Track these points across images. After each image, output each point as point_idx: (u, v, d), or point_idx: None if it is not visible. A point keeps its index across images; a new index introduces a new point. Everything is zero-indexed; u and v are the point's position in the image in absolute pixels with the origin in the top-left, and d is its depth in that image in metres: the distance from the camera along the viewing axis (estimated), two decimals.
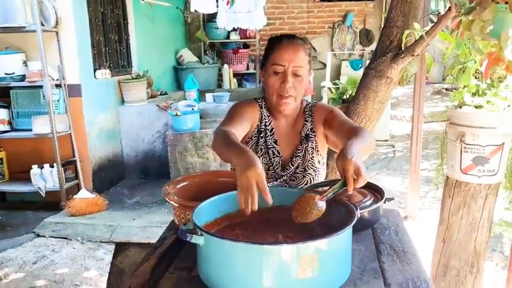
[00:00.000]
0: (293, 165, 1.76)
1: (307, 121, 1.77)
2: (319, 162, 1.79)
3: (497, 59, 2.68)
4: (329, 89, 2.98)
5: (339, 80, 4.96)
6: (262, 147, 1.75)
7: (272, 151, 1.75)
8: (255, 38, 7.24)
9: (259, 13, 4.29)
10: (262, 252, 1.02)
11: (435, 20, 2.50)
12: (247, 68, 7.45)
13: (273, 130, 1.77)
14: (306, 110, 1.79)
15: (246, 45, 7.44)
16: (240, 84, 7.37)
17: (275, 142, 1.76)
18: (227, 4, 4.18)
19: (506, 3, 2.31)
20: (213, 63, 7.19)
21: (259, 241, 1.15)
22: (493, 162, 2.37)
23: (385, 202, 1.49)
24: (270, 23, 7.14)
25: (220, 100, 5.16)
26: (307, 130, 1.77)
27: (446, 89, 9.86)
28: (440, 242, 2.57)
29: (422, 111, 3.82)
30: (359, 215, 1.16)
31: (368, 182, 1.61)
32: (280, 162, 1.75)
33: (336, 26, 7.30)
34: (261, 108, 1.78)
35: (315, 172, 1.77)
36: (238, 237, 1.22)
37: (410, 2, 2.38)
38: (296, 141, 1.78)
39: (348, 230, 1.09)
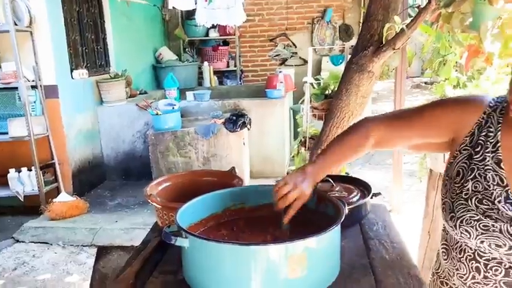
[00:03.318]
0: None
1: None
2: None
3: (477, 51, 2.70)
4: (311, 84, 2.96)
5: (320, 75, 4.96)
6: (476, 167, 1.11)
7: (492, 176, 1.08)
8: (234, 35, 7.19)
9: (239, 9, 4.26)
10: (250, 253, 0.99)
11: (414, 13, 2.50)
12: (228, 66, 7.40)
13: (498, 145, 1.09)
14: None
15: (225, 43, 7.39)
16: (220, 82, 7.32)
17: (498, 163, 1.08)
18: (205, 1, 4.13)
19: None
20: (193, 61, 7.12)
21: (245, 241, 1.12)
22: None
23: (372, 197, 1.48)
24: (250, 20, 7.09)
25: (201, 98, 5.10)
26: None
27: (426, 83, 9.97)
28: (426, 235, 2.58)
29: (404, 105, 3.84)
30: (347, 212, 1.14)
31: (355, 178, 1.61)
32: (506, 196, 1.06)
33: (315, 22, 7.30)
34: (489, 111, 1.11)
35: None
36: (225, 238, 1.19)
37: None
38: None
39: (337, 228, 1.07)
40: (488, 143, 1.09)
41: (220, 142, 4.46)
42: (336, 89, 2.87)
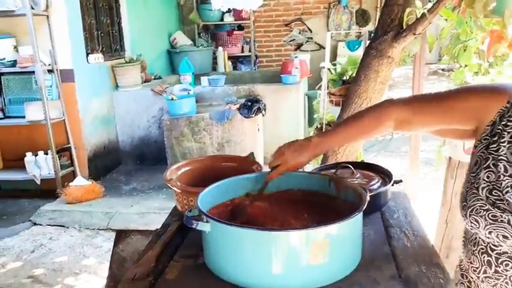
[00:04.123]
0: None
1: None
2: None
3: (499, 36, 2.63)
4: (329, 69, 2.91)
5: (336, 61, 4.90)
6: (492, 156, 1.06)
7: (504, 166, 1.03)
8: (249, 19, 7.13)
9: None
10: (271, 238, 0.98)
11: None
12: (242, 51, 7.34)
13: None
14: None
15: (240, 27, 7.32)
16: (235, 67, 7.27)
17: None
18: None
19: None
20: (208, 46, 7.08)
21: (267, 227, 1.11)
22: None
23: (393, 185, 1.46)
24: (265, 4, 7.01)
25: (216, 83, 5.08)
26: None
27: (443, 70, 9.80)
28: (443, 223, 2.55)
29: (423, 92, 3.78)
30: (368, 199, 1.13)
31: (375, 164, 1.59)
32: None
33: (331, 7, 7.18)
34: None
35: None
36: (245, 223, 1.18)
37: None
38: None
39: (359, 215, 1.05)
40: (505, 132, 1.04)
41: (235, 128, 4.44)
42: (353, 74, 2.83)
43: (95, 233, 3.62)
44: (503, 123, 1.05)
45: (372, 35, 2.69)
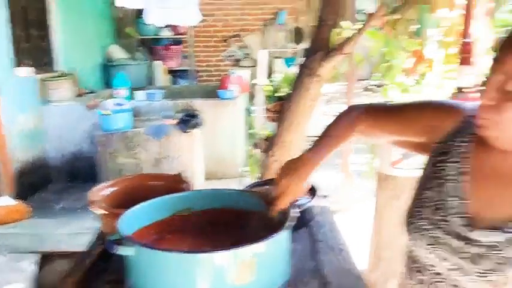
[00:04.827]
0: (487, 238, 0.95)
1: None
2: None
3: (421, 56, 2.81)
4: (263, 86, 2.96)
5: (271, 77, 4.99)
6: (439, 175, 1.04)
7: (451, 187, 1.01)
8: (187, 34, 7.11)
9: (194, 9, 4.19)
10: (197, 261, 0.97)
11: (362, 18, 2.57)
12: (181, 65, 7.30)
13: (466, 156, 1.03)
14: None
15: (178, 41, 7.29)
16: (174, 81, 7.21)
17: (460, 175, 1.01)
18: None
19: (429, 3, 2.43)
20: (145, 59, 6.97)
21: (192, 248, 1.10)
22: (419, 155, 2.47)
23: (319, 199, 1.49)
24: (203, 20, 7.02)
25: (153, 98, 5.01)
26: None
27: (375, 86, 10.25)
28: (375, 234, 2.64)
29: None
30: (297, 214, 1.15)
31: None
32: (461, 211, 0.99)
33: (268, 24, 7.34)
34: (467, 120, 1.05)
35: None
36: (171, 245, 1.16)
37: (339, 1, 2.41)
38: None
39: (286, 231, 1.07)
40: (454, 152, 1.03)
41: (172, 143, 4.38)
42: (288, 91, 2.90)
43: (21, 257, 3.40)
44: (454, 142, 1.04)
45: (305, 53, 2.78)
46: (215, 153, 4.96)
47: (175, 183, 1.50)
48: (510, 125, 0.92)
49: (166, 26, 6.52)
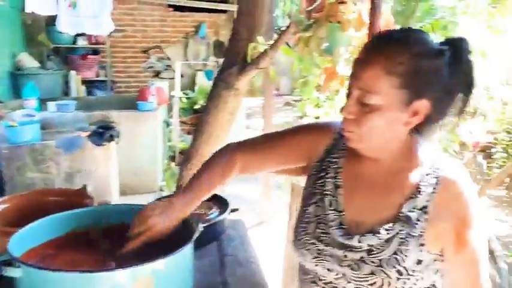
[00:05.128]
0: (363, 243, 1.01)
1: (420, 192, 1.01)
2: (418, 263, 0.99)
3: (333, 73, 2.93)
4: (180, 98, 2.93)
5: (194, 89, 4.96)
6: (319, 192, 1.10)
7: (329, 201, 1.07)
8: (105, 44, 6.87)
9: (106, 19, 4.06)
10: (91, 281, 0.91)
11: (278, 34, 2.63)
12: (98, 75, 7.02)
13: (339, 171, 1.09)
14: (428, 173, 1.02)
15: (95, 51, 7.02)
16: (90, 92, 6.91)
17: (336, 189, 1.08)
18: (69, 7, 3.86)
19: (339, 22, 2.55)
20: (58, 69, 6.62)
21: (89, 267, 1.04)
22: None
23: (230, 213, 1.49)
24: (122, 30, 6.87)
25: (66, 109, 4.76)
26: (415, 207, 1.00)
27: (296, 101, 10.57)
28: (287, 246, 2.69)
29: (272, 121, 4.01)
30: (201, 230, 1.13)
31: (213, 194, 1.61)
32: (340, 222, 1.05)
33: (189, 37, 7.32)
34: (338, 136, 1.13)
35: (401, 276, 0.98)
36: (67, 264, 1.09)
37: (254, 15, 2.46)
38: (386, 211, 1.02)
39: (187, 248, 1.04)
40: (330, 168, 1.09)
41: (86, 156, 4.17)
42: (205, 104, 2.89)
43: None
44: (328, 159, 1.11)
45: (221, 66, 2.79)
46: (133, 167, 4.81)
47: (78, 198, 1.43)
48: (373, 136, 0.98)
49: (80, 35, 6.25)
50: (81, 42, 6.72)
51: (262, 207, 4.28)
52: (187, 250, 1.05)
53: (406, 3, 4.21)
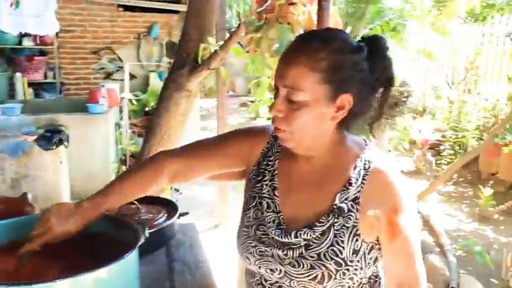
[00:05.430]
0: (300, 237, 1.03)
1: (351, 184, 1.04)
2: (354, 253, 1.02)
3: None
4: (130, 100, 2.86)
5: (147, 91, 4.87)
6: (257, 195, 1.12)
7: (267, 203, 1.09)
8: (52, 45, 6.63)
9: (50, 18, 3.91)
10: None
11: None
12: (46, 77, 6.76)
13: (275, 173, 1.12)
14: (357, 165, 1.05)
15: (42, 52, 6.75)
16: (37, 95, 6.63)
17: (273, 191, 1.10)
18: (11, 6, 3.69)
19: (289, 23, 2.57)
20: (2, 71, 6.33)
21: (29, 278, 0.99)
22: None
23: (179, 217, 1.46)
24: (70, 30, 6.65)
25: (11, 112, 4.55)
26: (347, 198, 1.03)
27: (252, 101, 10.59)
28: None
29: (226, 122, 3.99)
30: (147, 235, 1.10)
31: (162, 198, 1.58)
32: (278, 222, 1.07)
33: (141, 37, 7.17)
34: (272, 140, 1.16)
35: (340, 268, 1.01)
36: (3, 277, 1.04)
37: (204, 16, 2.44)
38: (320, 205, 1.05)
39: (131, 255, 1.01)
40: (267, 171, 1.12)
41: (34, 162, 4.01)
42: (155, 106, 2.84)
43: None
44: (265, 162, 1.13)
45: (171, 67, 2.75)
46: (85, 171, 4.66)
47: (18, 206, 1.36)
48: (303, 132, 1.01)
49: (25, 35, 6.00)
50: (27, 43, 6.45)
51: (219, 210, 4.25)
52: (132, 257, 1.02)
53: (356, 6, 4.30)
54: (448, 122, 6.15)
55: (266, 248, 1.05)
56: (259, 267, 1.06)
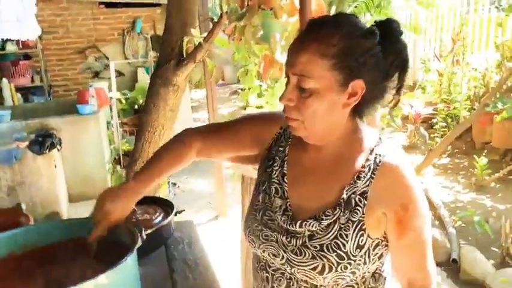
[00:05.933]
0: (305, 227, 1.03)
1: (360, 178, 1.02)
2: (358, 248, 1.00)
3: (272, 61, 2.94)
4: (118, 100, 2.84)
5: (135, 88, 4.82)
6: (267, 180, 1.13)
7: (275, 188, 1.10)
8: (36, 48, 6.55)
9: (30, 22, 3.85)
10: None
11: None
12: (33, 81, 6.70)
13: (285, 159, 1.12)
14: (368, 159, 1.03)
15: (27, 56, 6.68)
16: (26, 99, 6.58)
17: (282, 177, 1.10)
18: None
19: (271, 9, 2.54)
20: None
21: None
22: None
23: (175, 215, 1.46)
24: (52, 32, 6.58)
25: (0, 120, 4.50)
26: (354, 192, 1.01)
27: (242, 89, 10.54)
28: (242, 240, 2.68)
29: (217, 112, 3.98)
30: (144, 238, 1.10)
31: (157, 197, 1.58)
32: (285, 208, 1.07)
33: (125, 33, 7.10)
34: (285, 125, 1.13)
35: (342, 261, 0.99)
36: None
37: (185, 9, 2.41)
38: (328, 197, 1.04)
39: (130, 258, 1.01)
40: (277, 157, 1.12)
41: (28, 168, 3.99)
42: (144, 103, 2.82)
43: None
44: (276, 148, 1.14)
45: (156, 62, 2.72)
46: (81, 173, 4.64)
47: (12, 217, 1.35)
48: (315, 120, 0.99)
49: (8, 40, 5.93)
50: (10, 48, 6.38)
51: (217, 201, 4.26)
52: (130, 260, 1.02)
53: None
54: (439, 94, 6.15)
55: (271, 233, 1.06)
56: (263, 251, 1.07)
